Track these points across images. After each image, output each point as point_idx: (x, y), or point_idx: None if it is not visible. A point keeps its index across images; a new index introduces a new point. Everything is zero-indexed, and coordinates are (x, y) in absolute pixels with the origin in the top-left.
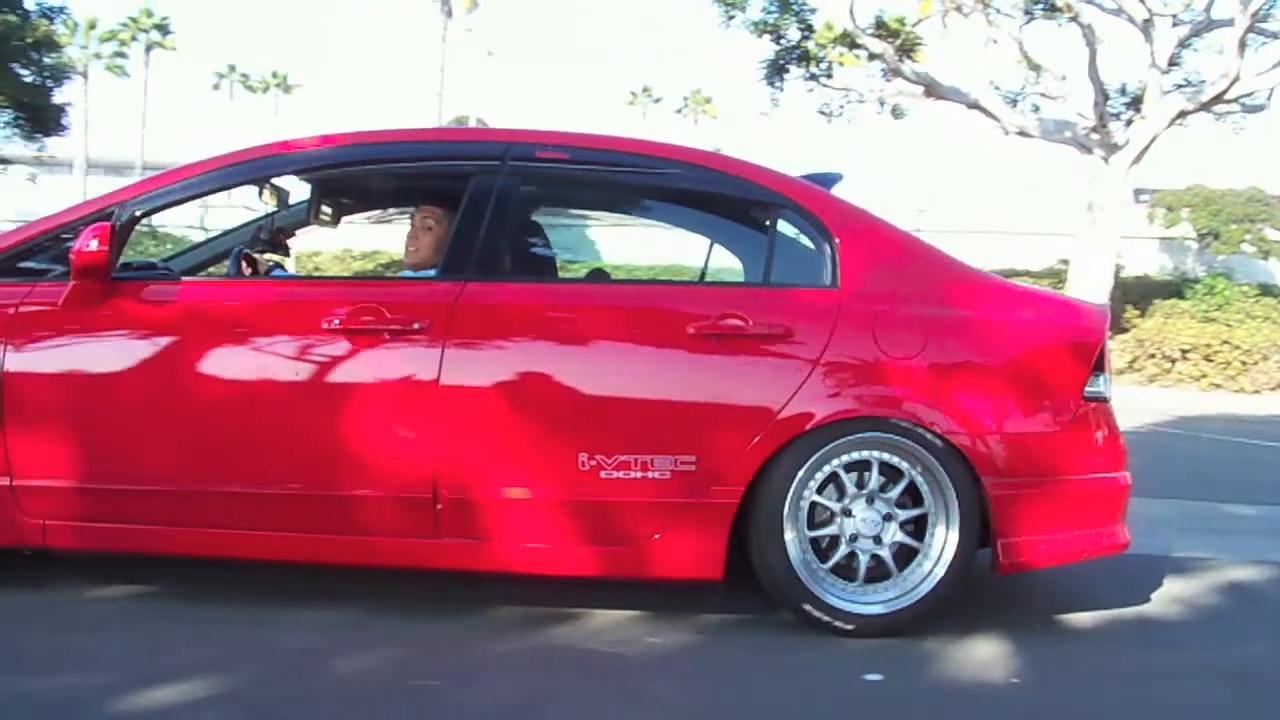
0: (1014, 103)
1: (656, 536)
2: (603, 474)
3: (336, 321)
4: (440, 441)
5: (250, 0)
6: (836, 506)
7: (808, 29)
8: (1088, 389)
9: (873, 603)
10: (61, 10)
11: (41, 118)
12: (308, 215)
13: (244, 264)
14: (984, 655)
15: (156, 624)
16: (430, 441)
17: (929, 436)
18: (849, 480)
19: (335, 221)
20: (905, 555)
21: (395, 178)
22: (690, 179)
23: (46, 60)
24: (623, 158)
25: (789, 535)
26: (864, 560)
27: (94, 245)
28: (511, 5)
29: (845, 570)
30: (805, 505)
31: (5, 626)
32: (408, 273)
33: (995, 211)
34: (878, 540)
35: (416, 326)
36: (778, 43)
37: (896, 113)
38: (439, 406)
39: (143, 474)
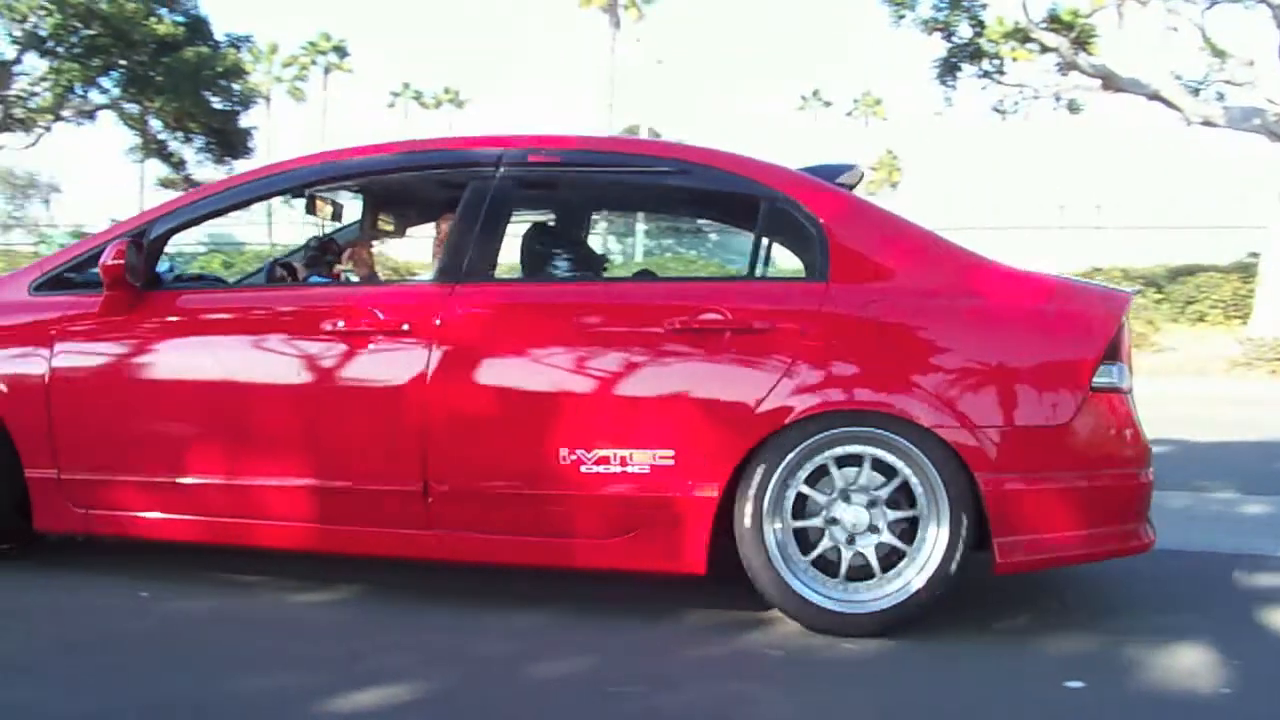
0: (1197, 91)
1: (637, 530)
2: (583, 468)
3: (340, 325)
4: (429, 436)
5: (423, 20)
6: (822, 501)
7: (979, 25)
8: (1097, 379)
9: (856, 601)
10: (248, 39)
11: (230, 142)
12: (361, 228)
13: (282, 272)
14: (1188, 663)
15: (354, 627)
16: (419, 436)
17: (914, 429)
18: (836, 476)
19: (400, 232)
20: (894, 554)
21: (402, 187)
22: (682, 176)
23: (235, 87)
24: (614, 158)
25: (769, 531)
26: (846, 556)
27: (111, 259)
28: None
29: (831, 567)
30: (789, 500)
31: (206, 627)
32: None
33: (1178, 205)
34: (864, 537)
35: (405, 328)
36: (949, 40)
37: (1073, 107)
38: (428, 403)
39: (167, 467)
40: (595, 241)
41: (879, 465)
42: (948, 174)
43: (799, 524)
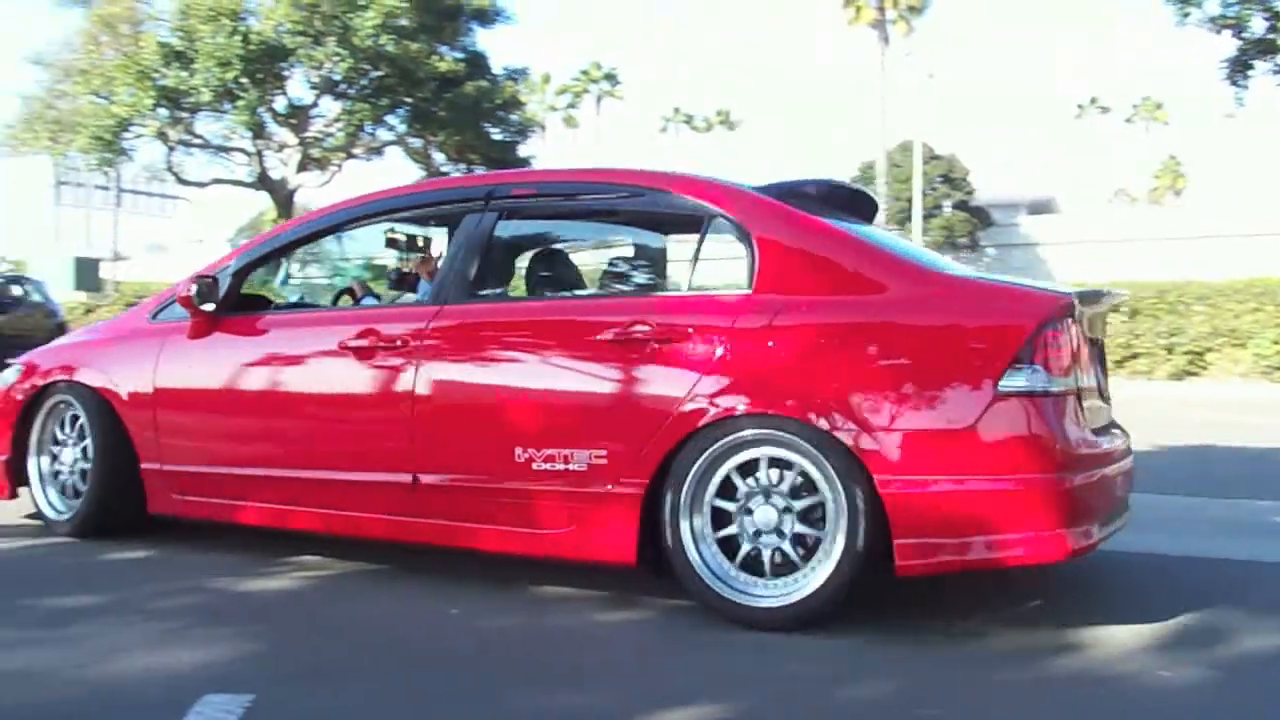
0: None
1: (577, 524)
2: (534, 465)
3: (352, 336)
4: (417, 435)
5: (693, 45)
6: (733, 507)
7: (1274, 18)
8: (1004, 383)
9: (768, 596)
10: (524, 71)
11: None
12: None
13: (348, 296)
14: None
15: (656, 644)
16: (410, 435)
17: (814, 434)
18: (740, 478)
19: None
20: (805, 553)
21: (424, 218)
22: (636, 199)
23: (513, 118)
24: (577, 187)
25: (685, 527)
26: (765, 554)
27: (184, 292)
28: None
29: (752, 564)
30: (708, 499)
31: (515, 643)
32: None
33: None
34: (777, 535)
35: (399, 344)
36: (1239, 37)
37: None
38: (415, 408)
39: (236, 461)
40: (580, 260)
41: (795, 468)
42: (1238, 178)
43: (718, 522)
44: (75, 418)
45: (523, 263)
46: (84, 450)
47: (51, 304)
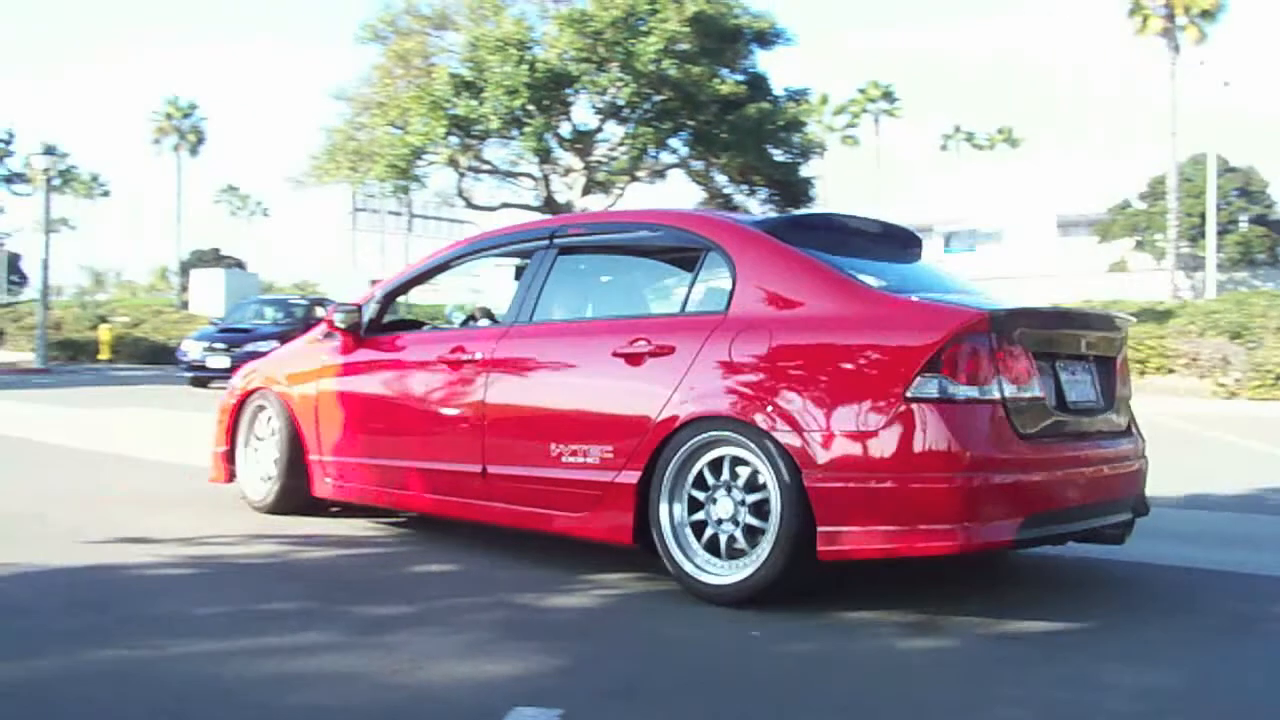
0: None
1: (591, 508)
2: (564, 459)
3: (446, 352)
4: (486, 434)
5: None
6: (703, 497)
7: None
8: (912, 391)
9: (720, 574)
10: (805, 92)
11: (793, 192)
12: None
13: (472, 320)
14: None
15: (963, 672)
16: (482, 434)
17: (757, 434)
18: (707, 473)
19: None
20: (754, 538)
21: (514, 256)
22: (657, 235)
23: (794, 139)
24: (614, 226)
25: (664, 511)
26: (723, 539)
27: (328, 317)
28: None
29: (714, 547)
30: (685, 490)
31: (818, 670)
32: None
33: None
34: (732, 523)
35: (479, 357)
36: None
37: None
38: (484, 410)
39: (375, 453)
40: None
41: (749, 465)
42: None
43: (693, 509)
44: (269, 418)
45: (574, 289)
46: (275, 445)
47: None
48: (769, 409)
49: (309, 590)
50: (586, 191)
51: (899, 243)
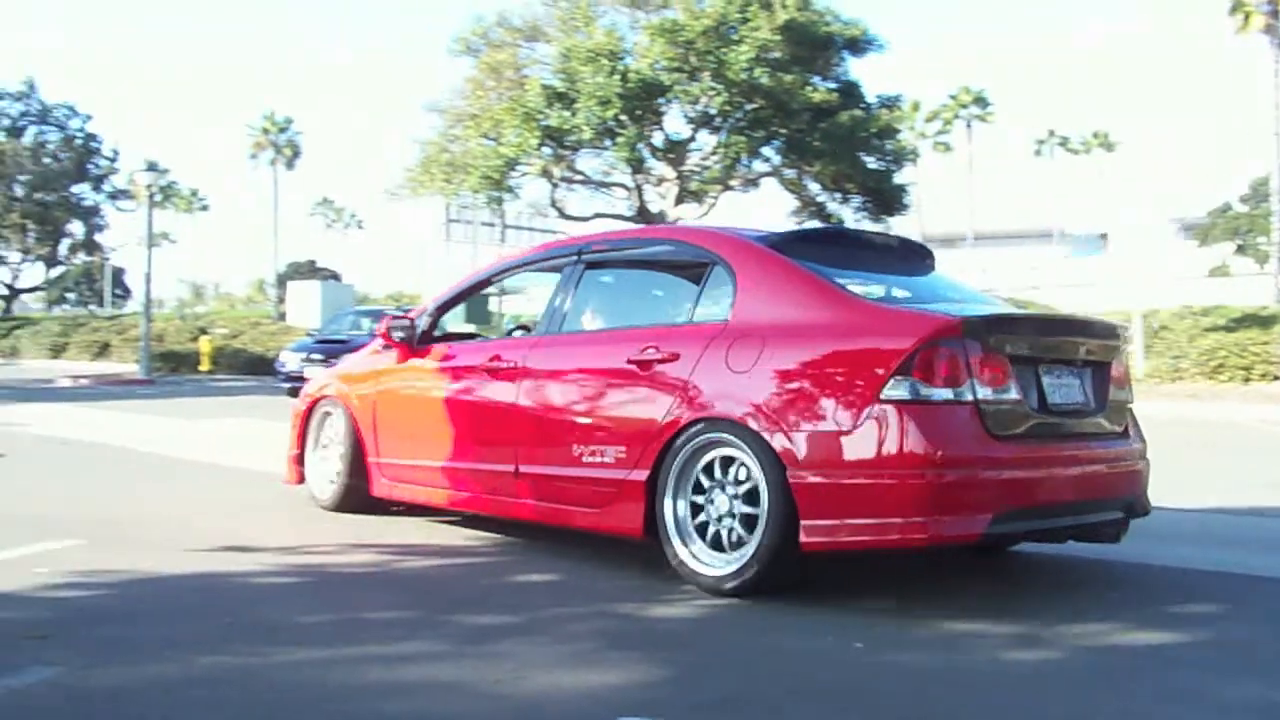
0: None
1: (607, 504)
2: (584, 459)
3: (485, 361)
4: (519, 435)
5: (1067, 63)
6: (702, 494)
7: None
8: (886, 392)
9: (716, 566)
10: (897, 99)
11: (886, 200)
12: None
13: (520, 330)
14: None
15: (1075, 684)
16: (514, 435)
17: (748, 434)
18: (700, 472)
19: None
20: (748, 531)
21: (550, 271)
22: (671, 249)
23: (887, 146)
24: (634, 242)
25: (668, 507)
26: (721, 533)
27: (381, 329)
28: None
29: (714, 541)
30: (688, 486)
31: (923, 683)
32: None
33: None
34: (730, 517)
35: (511, 365)
36: None
37: None
38: (516, 414)
39: (424, 455)
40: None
41: (741, 464)
42: None
43: (694, 506)
44: (334, 423)
45: (598, 301)
46: (339, 448)
47: None
48: (758, 411)
49: (411, 599)
50: (679, 201)
51: (909, 256)
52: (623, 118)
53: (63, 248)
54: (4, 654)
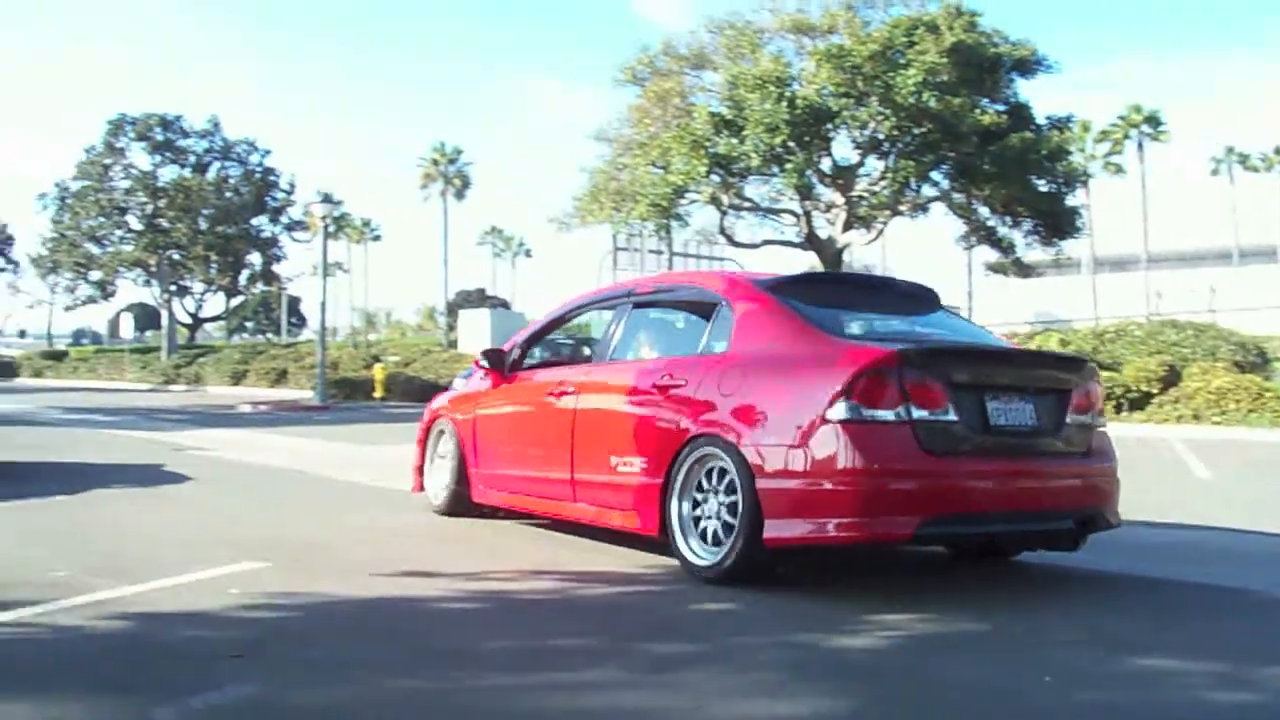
0: None
1: (634, 508)
2: (619, 468)
3: (555, 383)
4: (574, 446)
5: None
6: (699, 497)
7: None
8: (830, 413)
9: (705, 558)
10: (1068, 120)
11: (1057, 223)
12: None
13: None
14: None
15: None
16: (572, 447)
17: (729, 447)
18: (701, 478)
19: None
20: (730, 529)
21: (610, 309)
22: (692, 292)
23: (1058, 168)
24: (669, 286)
25: (674, 508)
26: (715, 528)
27: (477, 359)
28: None
29: (709, 537)
30: (690, 491)
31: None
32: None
33: None
34: (718, 517)
35: (572, 388)
36: None
37: None
38: (573, 429)
39: (506, 465)
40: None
41: (729, 472)
42: None
43: (695, 507)
44: (445, 439)
45: (640, 334)
46: (449, 460)
47: None
48: (737, 427)
49: (592, 627)
50: (848, 226)
51: (909, 298)
52: (790, 144)
53: (242, 278)
54: (205, 670)
